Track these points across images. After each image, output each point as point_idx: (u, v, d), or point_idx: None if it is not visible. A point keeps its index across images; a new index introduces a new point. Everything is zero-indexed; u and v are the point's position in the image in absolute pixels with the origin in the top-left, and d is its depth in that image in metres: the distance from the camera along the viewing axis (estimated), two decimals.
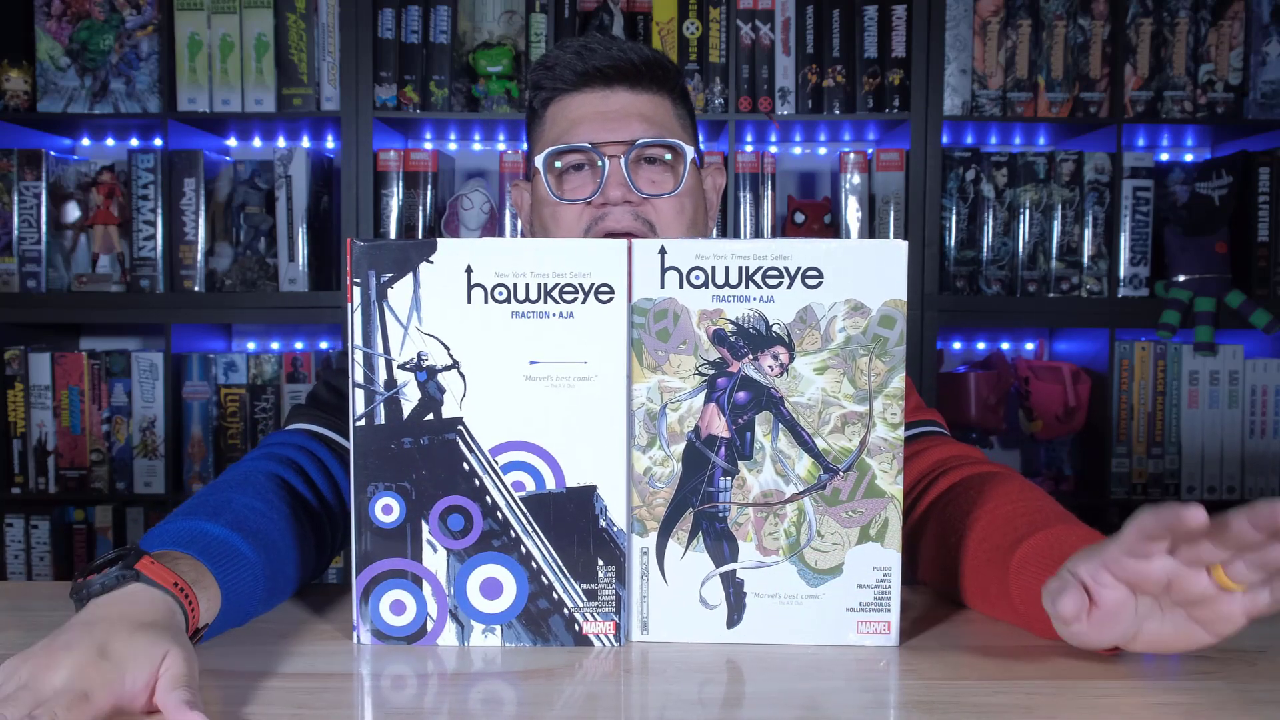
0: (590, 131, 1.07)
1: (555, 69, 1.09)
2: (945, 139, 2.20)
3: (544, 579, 0.74)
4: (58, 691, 0.59)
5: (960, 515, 0.85)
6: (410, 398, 0.73)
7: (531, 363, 0.73)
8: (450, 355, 0.73)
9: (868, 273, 0.73)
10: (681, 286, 0.73)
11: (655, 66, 1.09)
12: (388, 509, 0.74)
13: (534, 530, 0.74)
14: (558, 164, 1.09)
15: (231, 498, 0.81)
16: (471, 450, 0.73)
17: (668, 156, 1.09)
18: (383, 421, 0.73)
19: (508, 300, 0.73)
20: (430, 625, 0.75)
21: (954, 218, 2.18)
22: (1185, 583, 0.63)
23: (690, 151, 1.09)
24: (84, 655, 0.61)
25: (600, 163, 1.06)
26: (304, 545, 0.85)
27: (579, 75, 1.08)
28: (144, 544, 0.74)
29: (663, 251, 0.73)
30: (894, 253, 0.73)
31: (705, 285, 0.73)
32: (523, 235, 1.18)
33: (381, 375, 0.73)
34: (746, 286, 0.73)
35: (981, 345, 2.44)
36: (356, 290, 0.73)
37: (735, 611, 0.75)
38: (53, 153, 2.22)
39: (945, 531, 0.86)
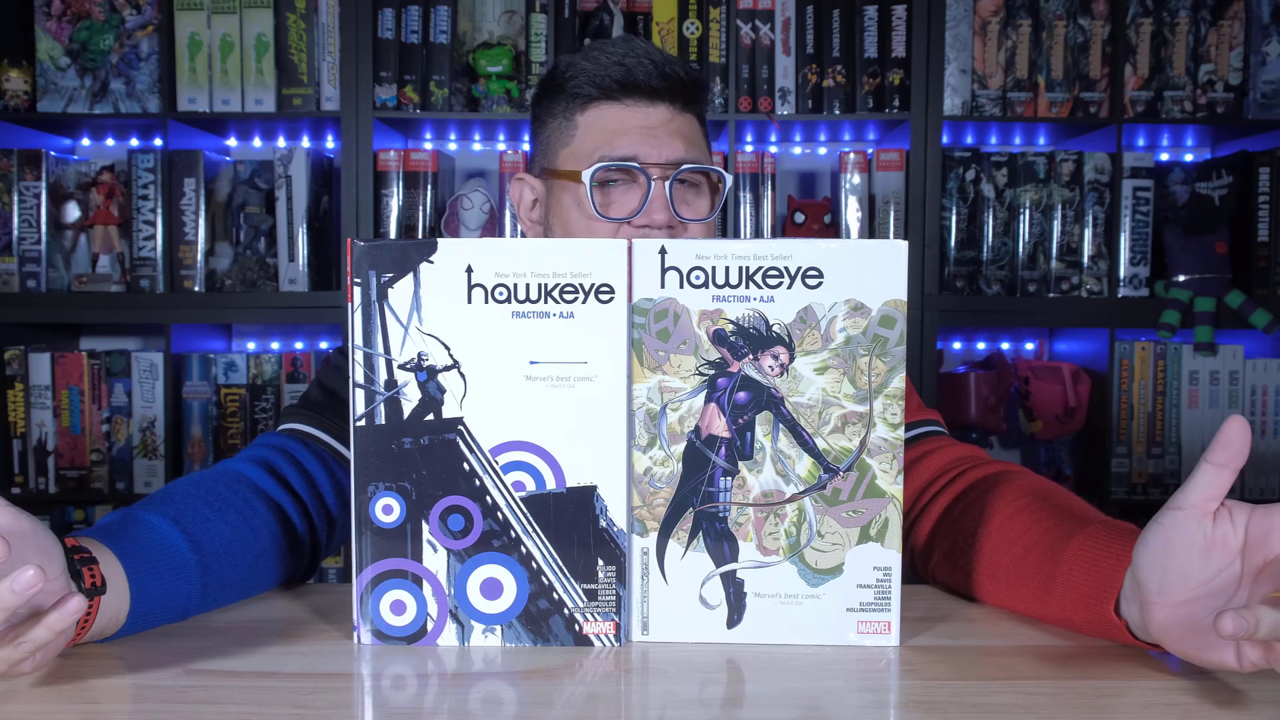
0: (634, 146, 1.04)
1: (599, 77, 1.05)
2: (945, 139, 2.20)
3: (544, 579, 0.74)
4: None
5: (988, 512, 0.85)
6: (410, 398, 0.73)
7: (532, 363, 0.73)
8: (450, 355, 0.73)
9: (868, 273, 0.73)
10: (682, 286, 0.73)
11: (696, 86, 1.07)
12: (388, 509, 0.74)
13: (534, 530, 0.74)
14: (599, 177, 1.05)
15: (170, 490, 0.85)
16: (472, 450, 0.73)
17: (699, 179, 1.07)
18: (383, 421, 0.73)
19: (508, 300, 0.73)
20: (430, 625, 0.75)
21: (954, 218, 2.18)
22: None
23: (729, 179, 1.08)
24: None
25: (645, 181, 1.04)
26: (254, 530, 0.85)
27: (622, 84, 1.04)
28: None
29: (663, 252, 0.73)
30: (894, 253, 0.73)
31: (705, 285, 0.73)
32: (521, 232, 1.17)
33: (382, 375, 0.73)
34: (747, 286, 0.73)
35: (981, 345, 2.44)
36: (357, 290, 0.73)
37: (735, 611, 0.75)
38: (53, 153, 2.22)
39: (970, 529, 0.86)
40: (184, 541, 0.78)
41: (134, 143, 2.35)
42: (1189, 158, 2.37)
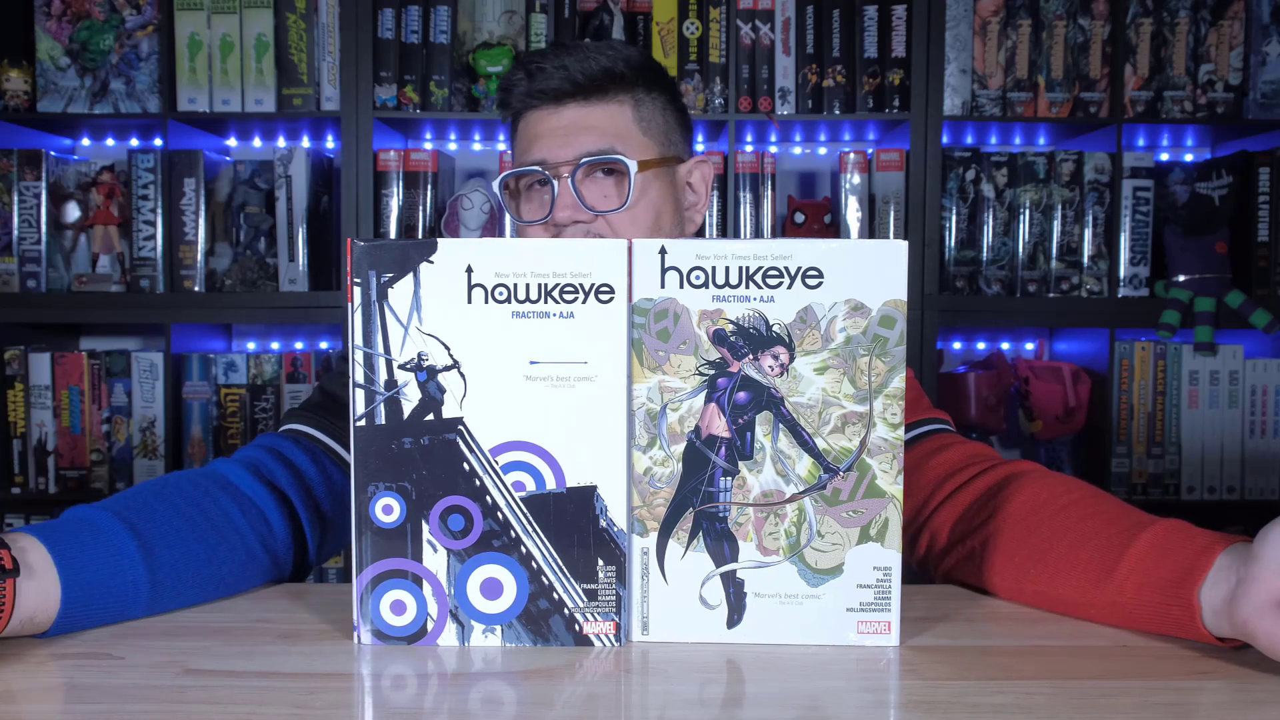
0: (542, 150, 1.08)
1: (511, 90, 1.11)
2: (945, 139, 2.20)
3: (544, 579, 0.74)
4: None
5: (1031, 504, 0.86)
6: (410, 398, 0.73)
7: (532, 363, 0.73)
8: (450, 355, 0.73)
9: (868, 273, 0.73)
10: (682, 286, 0.73)
11: (604, 78, 1.08)
12: (388, 509, 0.74)
13: (534, 530, 0.74)
14: (515, 185, 1.12)
15: (120, 492, 0.85)
16: (472, 450, 0.73)
17: (615, 168, 1.09)
18: (383, 421, 0.73)
19: (508, 300, 0.73)
20: (430, 625, 0.75)
21: (954, 218, 2.18)
22: None
23: (633, 165, 1.07)
24: None
25: (550, 182, 1.07)
26: (212, 522, 0.85)
27: (528, 95, 1.09)
28: None
29: (663, 251, 0.73)
30: (894, 253, 0.73)
31: (705, 285, 0.73)
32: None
33: (382, 375, 0.73)
34: (747, 286, 0.73)
35: (981, 345, 2.44)
36: (357, 290, 0.73)
37: (735, 611, 0.75)
38: (53, 153, 2.22)
39: (1008, 520, 0.87)
40: (122, 529, 0.78)
41: (134, 143, 2.35)
42: (1189, 158, 2.37)
